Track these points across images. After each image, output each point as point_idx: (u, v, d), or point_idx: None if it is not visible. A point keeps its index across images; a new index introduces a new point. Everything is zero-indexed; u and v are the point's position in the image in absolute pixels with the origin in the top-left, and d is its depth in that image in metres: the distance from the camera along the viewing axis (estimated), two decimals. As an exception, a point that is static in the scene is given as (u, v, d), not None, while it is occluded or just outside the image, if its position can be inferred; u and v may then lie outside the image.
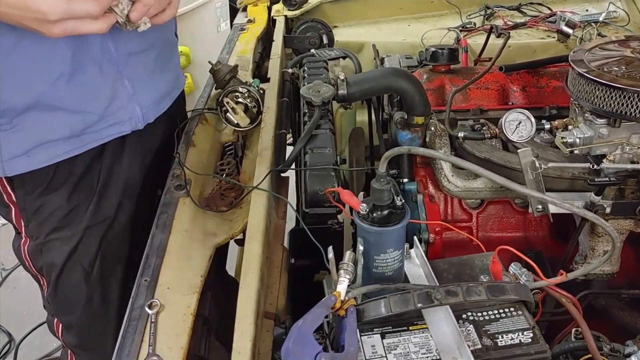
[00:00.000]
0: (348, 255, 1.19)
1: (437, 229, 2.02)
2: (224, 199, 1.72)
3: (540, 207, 1.79)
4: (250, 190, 1.57)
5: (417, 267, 1.38)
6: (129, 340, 1.21)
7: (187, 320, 1.25)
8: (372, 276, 1.24)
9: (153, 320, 1.25)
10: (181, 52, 4.29)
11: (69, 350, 1.82)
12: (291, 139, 2.29)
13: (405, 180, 2.23)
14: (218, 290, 1.52)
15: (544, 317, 1.55)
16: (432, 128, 2.09)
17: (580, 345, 1.54)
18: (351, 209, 1.24)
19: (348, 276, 1.16)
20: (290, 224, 1.77)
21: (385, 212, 1.19)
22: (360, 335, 1.19)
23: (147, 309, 1.28)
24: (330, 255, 1.16)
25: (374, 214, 1.19)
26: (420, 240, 2.05)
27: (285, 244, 1.67)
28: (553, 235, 2.16)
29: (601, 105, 1.66)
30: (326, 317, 1.14)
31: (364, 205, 1.19)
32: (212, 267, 1.46)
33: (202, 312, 1.35)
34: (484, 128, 2.05)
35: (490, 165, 1.94)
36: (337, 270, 1.17)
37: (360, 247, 1.17)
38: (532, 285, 1.22)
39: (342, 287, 1.14)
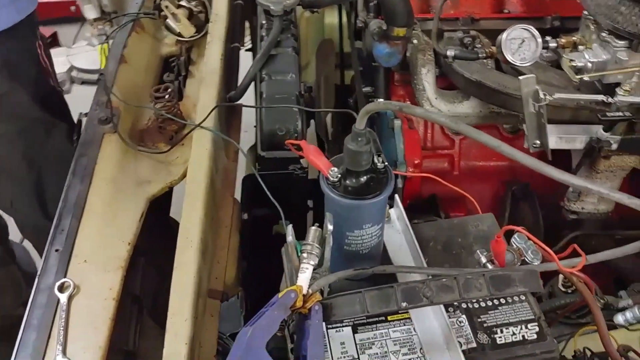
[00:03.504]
0: (313, 233, 0.91)
1: (415, 162, 1.75)
2: (162, 133, 1.40)
3: (538, 142, 1.53)
4: (192, 129, 1.25)
5: (397, 232, 1.12)
6: (32, 336, 0.95)
7: (109, 308, 0.99)
8: (342, 253, 0.98)
9: (64, 308, 0.98)
10: None
11: None
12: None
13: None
14: (156, 249, 1.25)
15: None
16: (415, 41, 1.76)
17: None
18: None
19: (312, 261, 0.90)
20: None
21: (363, 178, 0.91)
22: (327, 329, 0.96)
23: (57, 291, 1.00)
24: (290, 238, 0.89)
25: (348, 181, 0.91)
26: (397, 176, 1.79)
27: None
28: (543, 165, 1.93)
29: (625, 25, 1.36)
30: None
31: (335, 169, 0.90)
32: (145, 224, 1.19)
33: (131, 289, 1.09)
34: (476, 43, 1.74)
35: (483, 89, 1.65)
36: (299, 253, 0.90)
37: (329, 227, 0.89)
38: (541, 268, 0.99)
39: (304, 277, 0.88)
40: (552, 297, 1.53)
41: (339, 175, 0.90)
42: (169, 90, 1.37)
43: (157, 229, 1.28)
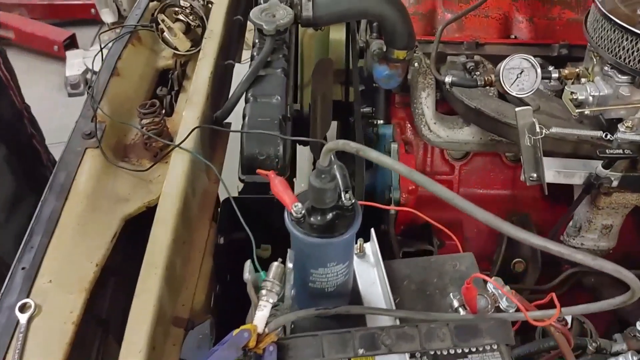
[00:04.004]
0: (274, 269, 0.89)
1: (410, 188, 1.71)
2: (148, 149, 1.38)
3: (534, 175, 1.48)
4: (170, 149, 1.23)
5: (371, 267, 1.08)
6: (-13, 356, 0.93)
7: (67, 332, 0.97)
8: (307, 290, 0.95)
9: (23, 330, 0.96)
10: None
11: None
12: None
13: (381, 121, 1.90)
14: (132, 268, 1.22)
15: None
16: (416, 64, 1.73)
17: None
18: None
19: (271, 299, 0.87)
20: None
21: (329, 215, 0.87)
22: (286, 365, 0.92)
23: (17, 312, 0.99)
24: (247, 275, 0.86)
25: (312, 218, 0.87)
26: (390, 200, 1.75)
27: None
28: (544, 195, 1.87)
29: (627, 60, 1.31)
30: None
31: (299, 205, 0.87)
32: (122, 242, 1.17)
33: (96, 311, 1.07)
34: (479, 69, 1.70)
35: (482, 117, 1.61)
36: (258, 289, 0.88)
37: (289, 264, 0.86)
38: (513, 318, 0.94)
39: (260, 315, 0.85)
40: (545, 336, 1.48)
41: (303, 212, 0.87)
42: (155, 107, 1.35)
43: (135, 248, 1.26)
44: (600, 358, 1.41)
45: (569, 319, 1.45)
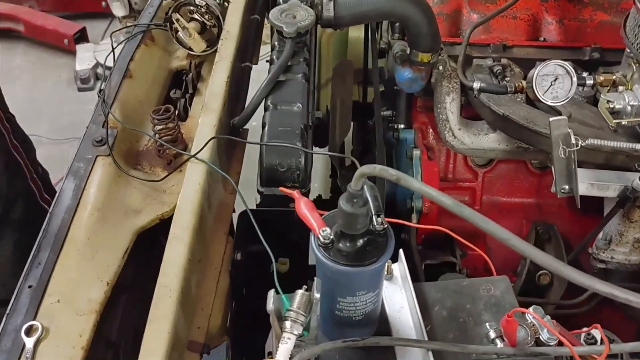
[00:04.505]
0: (299, 298, 0.82)
1: (433, 196, 1.64)
2: (161, 156, 1.32)
3: (566, 187, 1.41)
4: (186, 159, 1.17)
5: (399, 290, 1.02)
6: (-9, 385, 0.88)
7: (76, 358, 0.90)
8: (334, 319, 0.88)
9: (29, 355, 0.90)
10: None
11: None
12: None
13: (402, 126, 1.83)
14: (145, 281, 1.16)
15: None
16: (441, 67, 1.65)
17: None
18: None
19: (296, 331, 0.80)
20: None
21: (359, 242, 0.81)
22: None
23: (23, 335, 0.93)
24: (270, 306, 0.79)
25: (341, 244, 0.81)
26: (412, 209, 1.69)
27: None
28: (571, 205, 1.79)
29: (672, 68, 1.23)
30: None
31: (327, 230, 0.80)
32: (136, 253, 1.11)
33: (105, 333, 1.01)
34: (506, 73, 1.62)
35: (510, 124, 1.53)
36: (282, 320, 0.81)
37: (316, 294, 0.80)
38: (557, 353, 0.87)
39: (285, 349, 0.79)
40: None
41: (331, 237, 0.80)
42: (169, 112, 1.28)
43: (147, 260, 1.19)
44: (633, 380, 1.34)
45: (597, 336, 1.39)
